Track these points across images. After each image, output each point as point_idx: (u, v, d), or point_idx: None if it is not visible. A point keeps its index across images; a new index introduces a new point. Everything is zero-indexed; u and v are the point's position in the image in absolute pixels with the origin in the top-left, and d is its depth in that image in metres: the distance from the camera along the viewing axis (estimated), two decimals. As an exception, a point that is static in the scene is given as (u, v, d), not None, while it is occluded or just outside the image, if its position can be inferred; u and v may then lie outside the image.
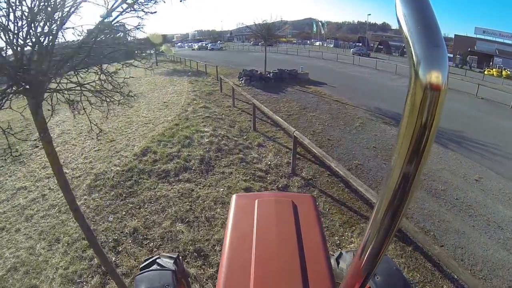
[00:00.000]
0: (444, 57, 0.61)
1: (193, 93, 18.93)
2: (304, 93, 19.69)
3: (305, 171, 8.99)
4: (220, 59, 42.11)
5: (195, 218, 6.73)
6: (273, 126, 12.67)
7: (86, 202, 7.58)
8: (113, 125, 13.32)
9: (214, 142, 10.46)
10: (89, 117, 3.67)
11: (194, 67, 32.60)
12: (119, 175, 8.51)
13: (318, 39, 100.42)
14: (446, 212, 7.68)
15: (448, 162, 10.45)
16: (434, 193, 8.49)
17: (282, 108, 15.85)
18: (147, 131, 12.01)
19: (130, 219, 6.83)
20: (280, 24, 25.78)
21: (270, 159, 9.60)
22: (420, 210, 7.67)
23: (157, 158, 9.35)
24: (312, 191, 8.03)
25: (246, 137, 11.46)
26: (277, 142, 11.13)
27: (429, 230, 6.95)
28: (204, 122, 12.65)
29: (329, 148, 10.91)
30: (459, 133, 13.49)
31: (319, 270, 2.27)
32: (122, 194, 7.73)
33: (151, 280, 2.62)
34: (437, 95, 0.61)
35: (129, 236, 6.36)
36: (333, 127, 13.22)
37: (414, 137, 0.64)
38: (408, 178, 0.70)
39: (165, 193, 7.66)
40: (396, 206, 0.76)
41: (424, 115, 0.63)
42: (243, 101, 16.25)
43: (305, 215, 2.84)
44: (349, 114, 15.14)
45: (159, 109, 15.54)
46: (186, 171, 8.65)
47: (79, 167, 9.48)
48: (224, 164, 9.12)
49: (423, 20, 0.63)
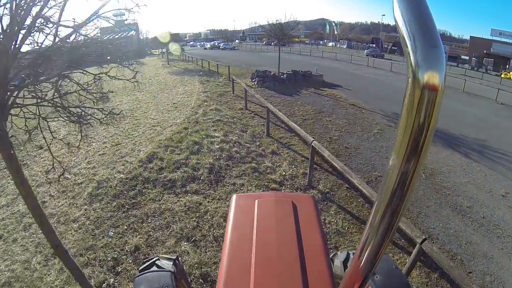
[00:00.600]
0: (442, 57, 0.62)
1: (204, 94, 18.38)
2: (319, 96, 19.01)
3: (322, 183, 8.35)
4: (232, 58, 41.73)
5: (202, 236, 6.18)
6: (287, 131, 12.01)
7: (86, 213, 7.15)
8: (120, 127, 12.85)
9: (225, 148, 9.87)
10: (50, 149, 3.08)
11: (205, 67, 32.13)
12: (122, 184, 8.02)
13: (331, 40, 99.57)
14: (472, 232, 7.11)
15: (473, 175, 9.81)
16: (459, 210, 7.90)
17: (296, 111, 15.20)
18: (154, 135, 11.50)
19: (131, 235, 6.34)
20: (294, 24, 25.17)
21: (285, 168, 8.96)
22: (446, 230, 7.10)
23: (164, 165, 8.81)
24: (330, 206, 7.42)
25: (259, 143, 10.84)
26: (292, 149, 10.49)
27: (456, 254, 6.39)
28: (214, 126, 12.07)
29: (347, 157, 10.25)
30: (481, 142, 12.84)
31: (319, 270, 2.26)
32: (125, 205, 7.24)
33: (150, 281, 2.61)
34: (434, 95, 0.62)
35: (130, 255, 5.88)
36: (350, 133, 12.54)
37: (412, 136, 0.66)
38: (406, 177, 0.72)
39: (171, 206, 7.12)
40: (394, 205, 0.77)
41: (421, 115, 0.63)
42: (256, 103, 15.66)
43: (305, 215, 2.84)
44: (366, 120, 14.43)
45: (168, 111, 15.02)
46: (194, 181, 8.08)
47: (81, 172, 9.04)
48: (235, 174, 8.52)
49: (421, 21, 0.63)
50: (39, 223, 3.14)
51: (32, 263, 5.92)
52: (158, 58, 52.53)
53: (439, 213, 7.67)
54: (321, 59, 44.20)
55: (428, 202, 8.06)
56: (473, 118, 16.64)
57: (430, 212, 7.67)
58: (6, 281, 5.56)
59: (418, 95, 0.62)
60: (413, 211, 7.60)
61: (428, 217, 7.48)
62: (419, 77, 0.61)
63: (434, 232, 6.94)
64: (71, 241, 6.28)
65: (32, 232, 6.75)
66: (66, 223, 6.89)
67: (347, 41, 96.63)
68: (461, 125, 14.93)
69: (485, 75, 40.57)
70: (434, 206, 7.93)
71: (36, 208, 3.02)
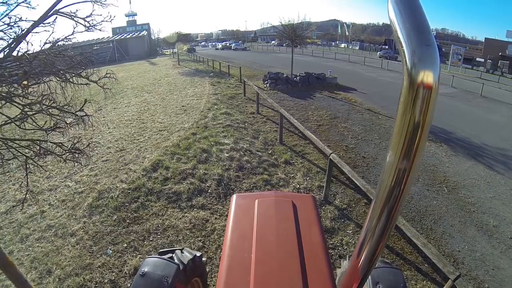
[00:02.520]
0: (436, 56, 0.63)
1: (214, 96, 17.90)
2: (334, 100, 18.39)
3: (339, 198, 7.73)
4: (243, 59, 41.48)
5: (208, 259, 5.63)
6: (301, 138, 11.40)
7: (85, 226, 6.69)
8: (126, 130, 12.40)
9: (235, 157, 9.29)
10: None
11: (216, 68, 31.73)
12: (124, 195, 7.54)
13: (343, 41, 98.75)
14: (500, 255, 6.48)
15: (497, 189, 9.12)
16: (485, 230, 7.27)
17: (310, 117, 14.58)
18: (160, 140, 11.02)
19: (131, 255, 5.84)
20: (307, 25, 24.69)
21: (299, 181, 8.34)
22: (472, 253, 6.47)
23: (169, 175, 8.29)
24: (348, 225, 6.81)
25: (271, 151, 10.24)
26: (306, 159, 9.85)
27: (483, 281, 5.78)
28: (224, 132, 11.52)
29: (365, 168, 9.60)
30: (504, 152, 12.06)
31: (319, 269, 2.28)
32: (126, 220, 6.76)
33: (156, 266, 2.61)
34: (429, 93, 0.63)
35: (129, 277, 5.39)
36: (367, 141, 11.87)
37: (408, 134, 0.67)
38: (403, 174, 0.72)
39: (175, 223, 6.58)
40: (392, 203, 0.77)
41: (417, 112, 0.65)
42: (268, 107, 15.13)
43: (305, 215, 2.86)
44: (383, 126, 13.74)
45: (176, 114, 14.54)
46: (201, 195, 7.53)
47: (83, 180, 8.59)
48: (245, 187, 7.94)
49: (414, 21, 0.65)
50: None
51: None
52: (169, 58, 52.52)
53: (464, 233, 7.06)
54: (334, 61, 43.58)
55: (453, 221, 7.42)
56: (494, 126, 15.89)
57: (454, 232, 7.05)
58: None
59: (413, 93, 0.63)
60: (437, 231, 6.99)
61: (452, 237, 6.88)
62: (414, 75, 0.62)
63: (459, 256, 6.34)
64: (67, 258, 5.83)
65: (28, 245, 6.34)
66: (64, 237, 6.44)
67: (360, 42, 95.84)
68: (482, 133, 14.25)
69: (502, 79, 39.47)
70: (458, 225, 7.31)
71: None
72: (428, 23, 0.65)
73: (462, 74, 39.02)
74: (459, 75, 31.67)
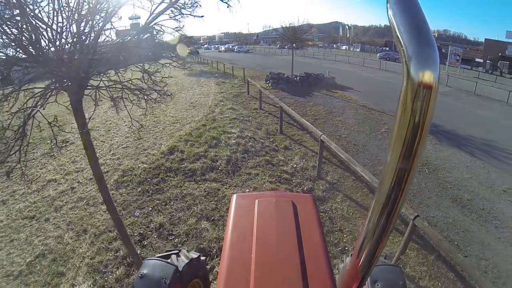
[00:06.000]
0: (435, 56, 0.63)
1: (220, 94, 19.22)
2: (331, 98, 19.67)
3: (330, 175, 9.05)
4: (246, 61, 42.33)
5: (220, 217, 6.90)
6: (299, 129, 12.78)
7: (113, 196, 7.83)
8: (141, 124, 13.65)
9: (241, 143, 10.65)
10: (130, 113, 3.85)
11: (221, 69, 32.91)
12: (146, 172, 8.80)
13: (345, 43, 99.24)
14: (471, 222, 7.59)
15: (476, 172, 10.26)
16: (459, 202, 8.40)
17: (308, 112, 15.91)
18: (174, 131, 12.33)
19: (156, 215, 7.08)
20: (307, 28, 25.69)
21: (296, 162, 9.69)
22: (445, 219, 7.63)
23: (184, 157, 9.61)
24: (337, 195, 8.10)
25: (272, 139, 11.61)
26: (303, 145, 11.23)
27: (453, 240, 6.89)
28: (231, 124, 12.87)
29: (355, 153, 10.90)
30: (488, 142, 13.14)
31: (319, 269, 2.29)
32: (149, 191, 8.01)
33: (154, 268, 2.69)
34: (429, 93, 0.62)
35: (155, 231, 6.60)
36: (358, 132, 13.20)
37: (408, 134, 0.66)
38: (402, 174, 0.72)
39: (191, 192, 7.88)
40: (392, 203, 0.77)
41: (416, 112, 0.64)
42: (270, 104, 16.42)
43: (305, 215, 2.86)
44: (375, 120, 15.06)
45: (186, 109, 15.87)
46: (213, 171, 8.87)
47: (107, 163, 9.86)
48: (250, 165, 9.28)
49: (414, 21, 0.65)
50: (97, 180, 3.81)
51: (65, 238, 6.66)
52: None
53: (439, 204, 8.21)
54: (334, 62, 44.61)
55: (430, 194, 8.62)
56: (482, 120, 16.91)
57: (431, 203, 8.24)
58: (40, 253, 6.26)
59: (413, 93, 0.63)
60: (414, 201, 8.17)
61: (428, 207, 8.06)
62: (414, 75, 0.62)
63: (433, 221, 7.46)
64: (100, 220, 7.04)
65: (63, 213, 7.54)
66: (95, 205, 7.69)
67: (361, 44, 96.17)
68: (470, 125, 15.26)
69: (499, 78, 40.03)
70: (435, 198, 8.49)
71: (97, 167, 3.73)
72: (428, 23, 0.64)
73: (460, 74, 39.64)
74: (456, 75, 32.32)
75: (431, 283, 5.62)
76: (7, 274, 5.87)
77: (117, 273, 5.56)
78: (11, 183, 8.93)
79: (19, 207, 8.03)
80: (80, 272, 5.70)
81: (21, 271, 5.90)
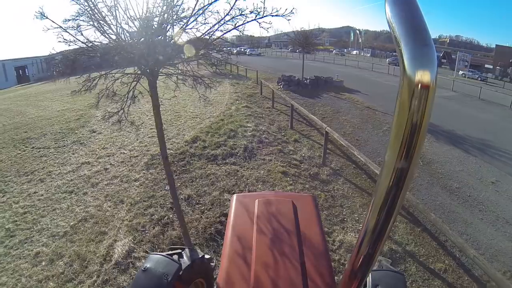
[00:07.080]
0: (433, 56, 0.63)
1: (235, 94, 20.58)
2: (338, 99, 20.91)
3: (334, 163, 10.38)
4: (258, 64, 42.81)
5: (240, 191, 8.18)
6: (308, 126, 14.17)
7: (144, 175, 8.99)
8: (163, 117, 14.66)
9: (256, 135, 12.07)
10: (198, 91, 4.91)
11: (234, 71, 34.02)
12: (172, 156, 9.94)
13: (355, 48, 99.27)
14: (457, 205, 8.58)
15: (467, 166, 11.21)
16: (448, 189, 9.40)
17: (317, 111, 17.19)
18: (195, 124, 13.68)
19: (184, 189, 8.28)
20: (318, 32, 26.67)
21: (304, 152, 11.07)
22: (433, 202, 8.68)
23: (206, 145, 10.98)
24: (338, 179, 9.39)
25: (284, 133, 13.00)
26: (311, 139, 12.61)
27: (439, 217, 7.58)
28: (246, 119, 14.26)
29: (357, 147, 12.01)
30: (484, 142, 14.02)
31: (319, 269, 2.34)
32: (176, 171, 9.18)
33: (158, 263, 2.63)
34: (426, 93, 0.63)
35: (184, 200, 7.72)
36: (362, 129, 14.52)
37: (406, 134, 0.67)
38: (401, 174, 0.73)
39: (214, 172, 9.19)
40: (390, 202, 0.78)
41: (414, 112, 0.65)
42: (282, 103, 17.79)
43: (305, 214, 2.92)
44: (378, 119, 16.32)
45: (205, 106, 16.90)
46: (232, 157, 10.23)
47: (135, 149, 11.01)
48: (264, 153, 10.66)
49: (412, 21, 0.66)
50: (159, 138, 4.73)
51: (104, 207, 7.51)
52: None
53: (429, 190, 9.30)
54: (344, 67, 45.64)
55: (421, 182, 9.73)
56: (482, 122, 17.70)
57: (422, 189, 9.36)
58: (82, 218, 7.06)
59: (410, 93, 0.63)
60: (406, 187, 9.34)
61: (419, 191, 9.19)
62: (411, 75, 0.62)
63: (421, 202, 8.30)
64: (134, 193, 8.05)
65: (100, 188, 8.44)
66: (129, 182, 8.69)
67: (371, 49, 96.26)
68: (469, 127, 16.10)
69: (506, 84, 40.11)
70: (426, 185, 9.59)
71: (160, 129, 4.67)
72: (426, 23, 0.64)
73: (468, 79, 40.09)
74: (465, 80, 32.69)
75: (415, 248, 6.73)
76: (52, 234, 6.60)
77: (153, 231, 6.54)
78: (46, 165, 10.02)
79: (57, 183, 8.82)
80: (120, 231, 6.53)
81: (66, 232, 6.66)
